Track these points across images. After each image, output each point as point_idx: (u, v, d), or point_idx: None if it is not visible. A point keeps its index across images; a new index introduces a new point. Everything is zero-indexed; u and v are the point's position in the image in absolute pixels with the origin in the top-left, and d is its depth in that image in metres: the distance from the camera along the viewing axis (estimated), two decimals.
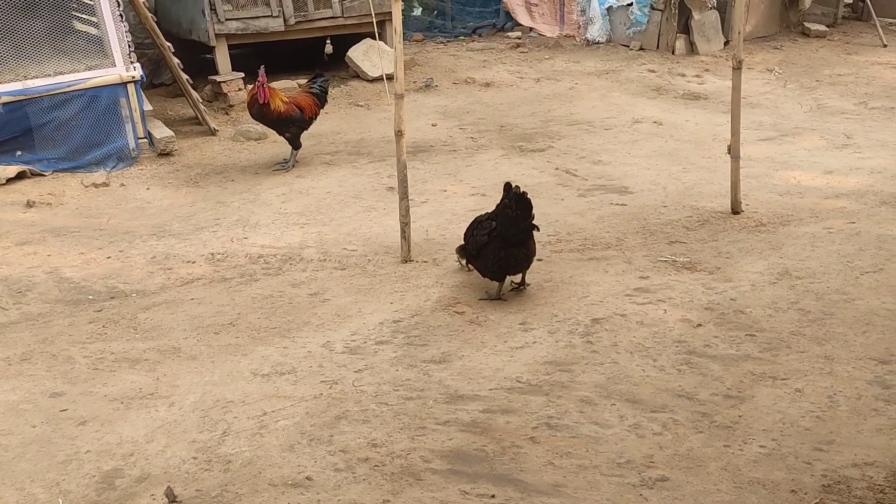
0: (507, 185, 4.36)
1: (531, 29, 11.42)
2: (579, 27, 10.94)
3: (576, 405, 3.46)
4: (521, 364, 3.80)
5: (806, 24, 10.90)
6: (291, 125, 6.64)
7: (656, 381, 3.62)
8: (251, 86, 6.60)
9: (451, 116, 8.13)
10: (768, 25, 10.81)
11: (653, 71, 9.53)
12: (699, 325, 4.09)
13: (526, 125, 7.81)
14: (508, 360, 3.84)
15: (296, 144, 6.75)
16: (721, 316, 4.17)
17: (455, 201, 6.00)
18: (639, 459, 3.10)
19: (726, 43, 10.21)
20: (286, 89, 7.38)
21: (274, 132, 6.92)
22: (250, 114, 6.78)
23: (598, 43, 10.71)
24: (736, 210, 5.52)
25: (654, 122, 7.76)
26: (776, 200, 5.78)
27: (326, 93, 6.92)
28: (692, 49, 10.09)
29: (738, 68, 5.31)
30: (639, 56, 10.09)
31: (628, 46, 10.39)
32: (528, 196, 4.27)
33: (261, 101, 6.45)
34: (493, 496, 2.91)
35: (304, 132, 6.81)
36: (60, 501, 2.96)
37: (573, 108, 8.30)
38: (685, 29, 10.10)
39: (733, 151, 5.44)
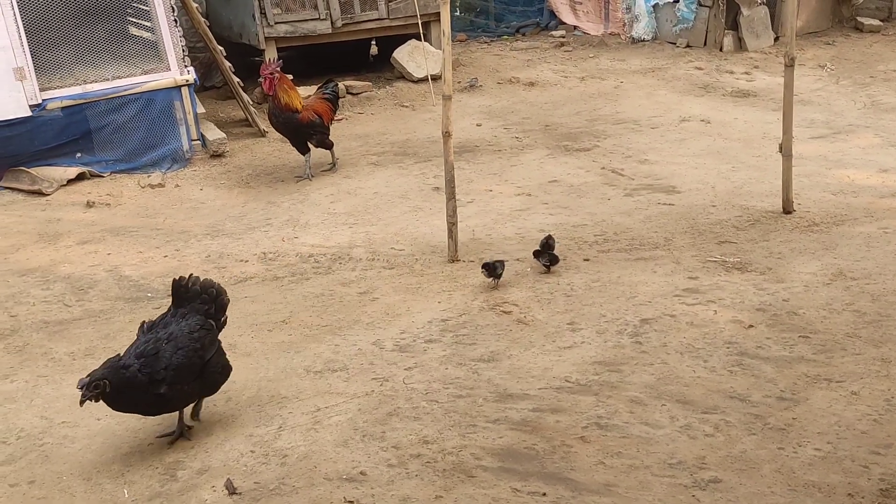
0: (142, 325, 3.52)
1: (575, 27, 11.37)
2: (624, 25, 10.85)
3: (626, 405, 3.46)
4: (569, 364, 3.82)
5: (859, 18, 10.63)
6: (313, 132, 6.68)
7: (707, 382, 3.61)
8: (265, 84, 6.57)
9: (495, 116, 8.16)
10: (819, 21, 10.58)
11: (700, 68, 9.41)
12: (751, 326, 4.05)
13: (571, 124, 7.79)
14: (557, 360, 3.86)
15: (327, 144, 6.78)
16: (773, 317, 4.13)
17: (501, 201, 6.02)
18: (690, 460, 3.09)
19: (776, 39, 10.02)
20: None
21: (296, 144, 6.76)
22: (271, 123, 6.78)
23: (643, 41, 10.61)
24: (788, 209, 5.43)
25: (702, 121, 7.68)
26: (829, 200, 5.68)
27: (338, 97, 7.04)
28: (741, 46, 9.93)
29: (790, 65, 5.23)
30: (685, 53, 9.98)
31: (674, 44, 10.27)
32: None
33: (266, 91, 6.48)
34: (544, 494, 2.94)
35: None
36: (126, 492, 3.08)
37: (619, 107, 8.25)
38: (733, 25, 9.94)
39: (785, 149, 5.37)
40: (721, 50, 9.88)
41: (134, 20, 7.17)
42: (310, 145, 6.74)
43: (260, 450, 3.29)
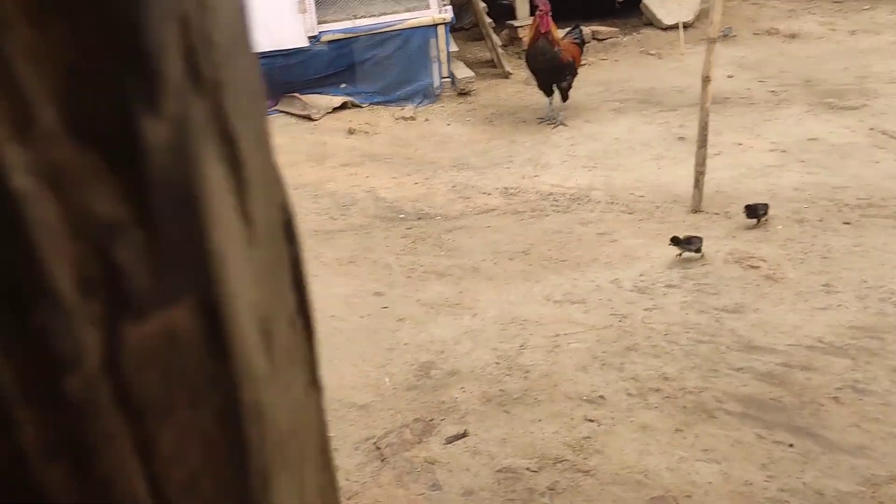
0: None
1: None
2: None
3: (887, 373, 3.25)
4: (822, 325, 3.63)
5: None
6: (568, 73, 6.65)
7: None
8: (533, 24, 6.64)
9: (749, 68, 7.69)
10: None
11: None
12: None
13: (836, 80, 7.15)
14: (808, 319, 3.68)
15: (566, 96, 6.72)
16: None
17: (751, 156, 5.74)
18: None
19: None
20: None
21: (546, 86, 6.76)
22: (530, 62, 6.74)
23: None
24: None
25: None
26: None
27: (584, 43, 7.00)
28: None
29: None
30: None
31: None
32: None
33: (542, 31, 6.47)
34: (790, 445, 2.88)
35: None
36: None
37: (895, 66, 7.42)
38: None
39: None
40: None
41: None
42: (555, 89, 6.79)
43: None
